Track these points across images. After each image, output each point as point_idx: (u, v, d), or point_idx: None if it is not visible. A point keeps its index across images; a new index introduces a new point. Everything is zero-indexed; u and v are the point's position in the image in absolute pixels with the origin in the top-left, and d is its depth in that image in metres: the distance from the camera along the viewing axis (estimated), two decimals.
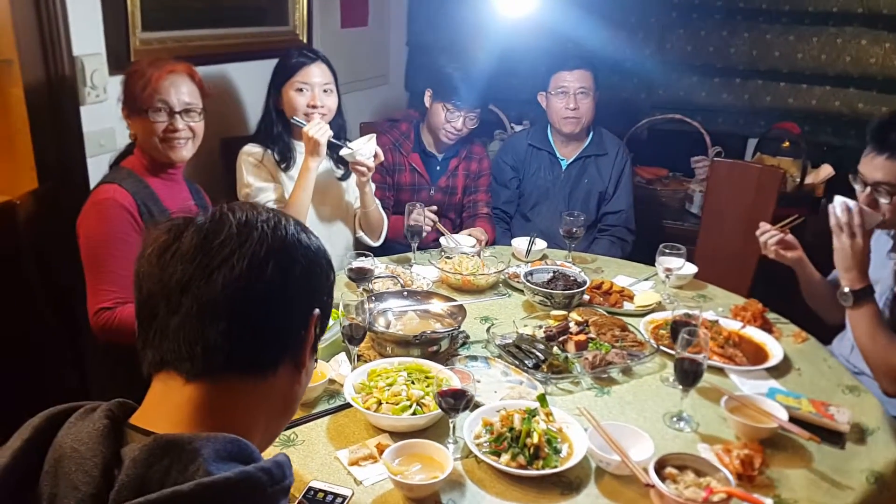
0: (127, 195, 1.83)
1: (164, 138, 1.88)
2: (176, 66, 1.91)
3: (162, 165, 1.94)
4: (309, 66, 2.33)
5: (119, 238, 1.81)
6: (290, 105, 2.33)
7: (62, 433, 0.76)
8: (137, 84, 1.86)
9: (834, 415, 1.57)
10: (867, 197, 1.84)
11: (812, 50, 3.32)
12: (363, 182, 2.40)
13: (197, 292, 0.79)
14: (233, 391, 0.82)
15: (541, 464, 1.38)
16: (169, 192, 1.96)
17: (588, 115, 2.77)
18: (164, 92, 1.86)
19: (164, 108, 1.86)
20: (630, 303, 2.11)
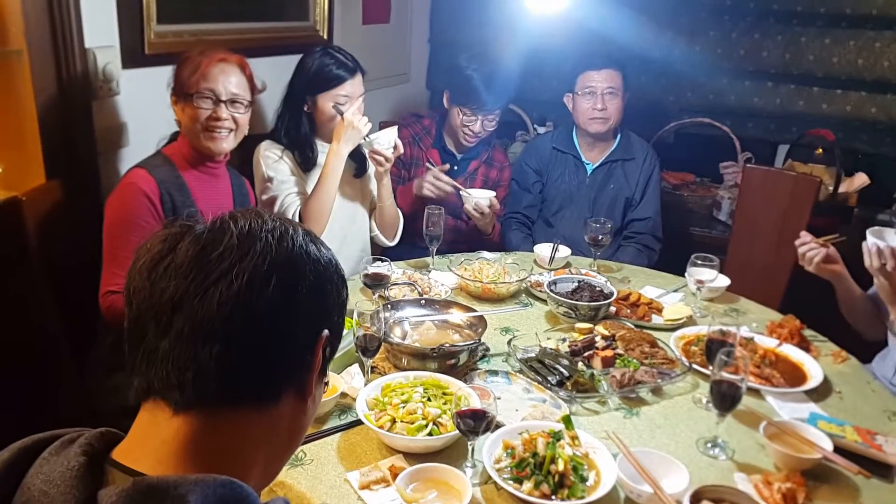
0: (152, 182, 1.81)
1: (206, 126, 1.85)
2: (228, 56, 1.89)
3: (202, 157, 1.91)
4: (351, 80, 2.25)
5: (135, 224, 1.79)
6: (325, 114, 2.26)
7: (32, 471, 0.67)
8: (187, 69, 1.84)
9: (882, 445, 1.46)
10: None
11: (848, 54, 3.18)
12: (380, 173, 2.33)
13: (190, 311, 0.70)
14: (227, 424, 0.72)
15: (566, 493, 1.28)
16: (203, 185, 1.92)
17: (616, 116, 2.66)
18: (211, 79, 1.84)
19: (210, 96, 1.84)
20: (659, 316, 2.00)
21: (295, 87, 2.32)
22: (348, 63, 2.28)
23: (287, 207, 2.20)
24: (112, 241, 1.80)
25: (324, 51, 2.29)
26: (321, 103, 2.26)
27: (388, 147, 2.26)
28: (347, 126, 2.17)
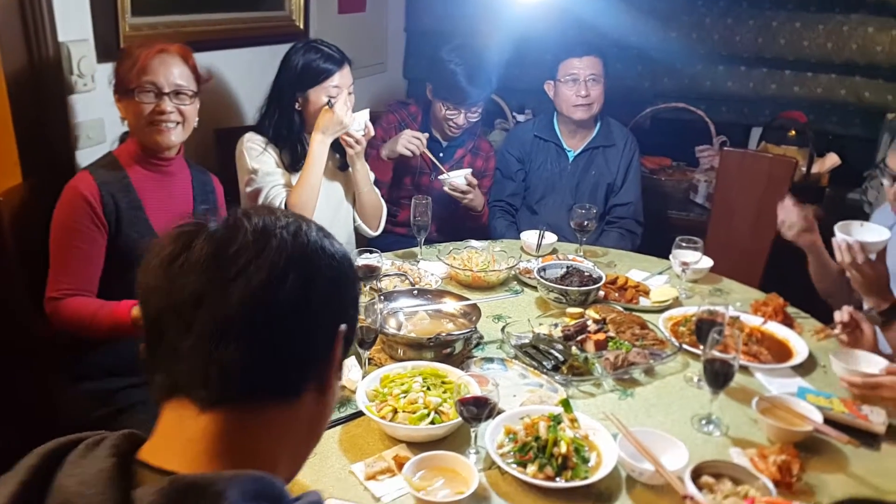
0: (92, 185, 1.75)
1: (151, 121, 1.78)
2: (168, 46, 1.81)
3: (150, 154, 1.84)
4: (340, 71, 2.24)
5: (76, 229, 1.75)
6: (318, 108, 2.23)
7: (63, 474, 0.67)
8: (126, 64, 1.77)
9: (868, 415, 1.51)
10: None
11: (818, 38, 3.24)
12: (353, 157, 2.31)
13: (211, 308, 0.69)
14: (254, 420, 0.72)
15: (569, 474, 1.30)
16: (153, 185, 1.86)
17: (598, 103, 2.69)
18: (151, 72, 1.76)
19: (151, 89, 1.77)
20: (646, 298, 2.04)
21: (282, 84, 2.28)
22: (335, 55, 2.26)
23: (273, 199, 2.18)
24: (56, 247, 1.76)
25: (307, 45, 2.27)
26: (313, 98, 2.24)
27: (359, 129, 2.26)
28: (334, 119, 2.15)
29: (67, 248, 1.74)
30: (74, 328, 1.74)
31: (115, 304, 1.74)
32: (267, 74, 2.42)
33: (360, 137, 2.25)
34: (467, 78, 2.56)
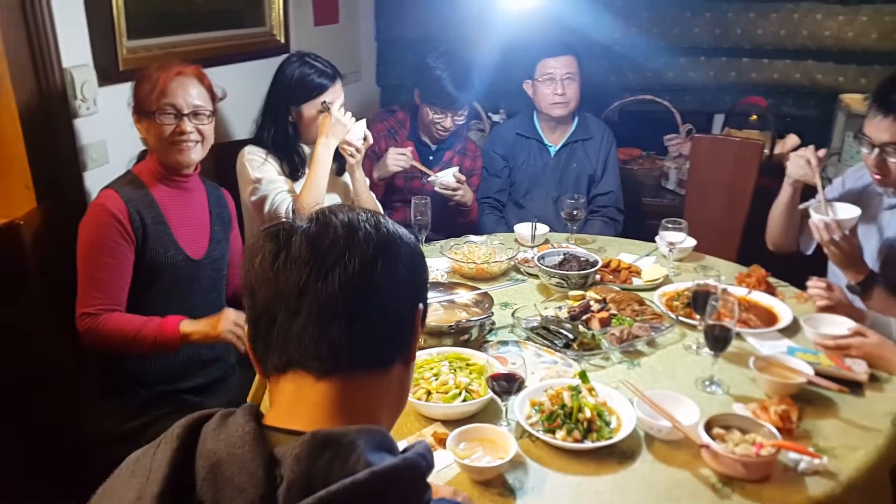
0: (119, 202, 1.83)
1: (172, 141, 1.87)
2: (185, 69, 1.90)
3: (171, 172, 1.93)
4: (332, 87, 2.34)
5: (106, 245, 1.82)
6: (311, 124, 2.33)
7: (208, 440, 0.77)
8: (145, 87, 1.85)
9: (851, 366, 1.68)
10: (876, 158, 1.93)
11: (771, 26, 3.45)
12: (352, 165, 2.42)
13: (315, 294, 0.81)
14: (360, 387, 0.84)
15: (595, 436, 1.43)
16: (174, 200, 1.94)
17: (575, 100, 2.84)
18: (171, 94, 1.85)
19: (171, 111, 1.85)
20: (639, 278, 2.19)
21: (276, 97, 2.37)
22: (328, 70, 2.36)
23: (278, 206, 2.25)
24: (86, 263, 1.81)
25: (301, 60, 2.36)
26: (306, 112, 2.33)
27: (358, 139, 2.36)
28: (335, 122, 2.26)
29: (98, 264, 1.80)
30: (114, 344, 1.80)
31: (162, 321, 1.82)
32: (253, 89, 2.52)
33: (360, 146, 2.35)
34: (453, 82, 2.68)
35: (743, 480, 1.34)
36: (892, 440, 1.48)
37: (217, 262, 2.04)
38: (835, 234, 1.90)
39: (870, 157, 1.95)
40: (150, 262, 1.87)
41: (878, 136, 1.91)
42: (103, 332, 1.79)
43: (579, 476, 1.38)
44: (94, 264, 1.81)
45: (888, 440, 1.47)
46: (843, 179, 2.27)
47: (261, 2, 3.06)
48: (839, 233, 1.90)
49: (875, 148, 1.93)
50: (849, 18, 3.29)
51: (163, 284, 1.91)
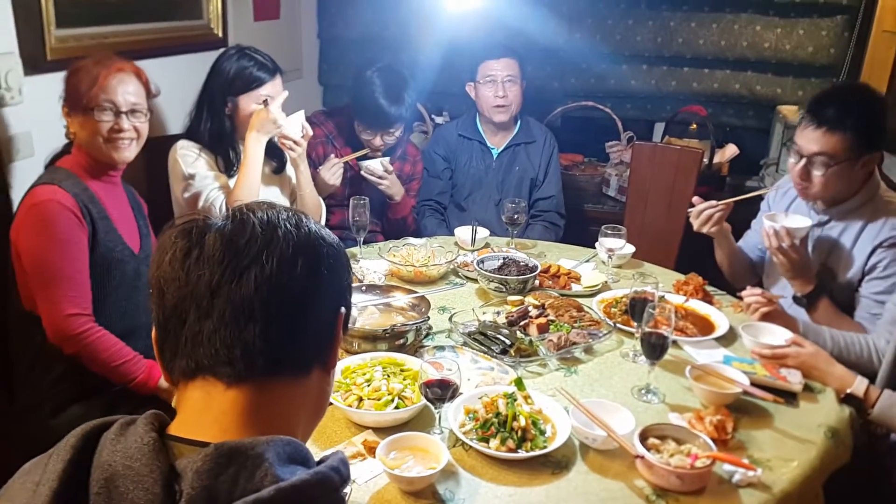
0: (68, 196, 1.74)
1: (108, 138, 1.80)
2: (124, 65, 1.83)
3: (103, 167, 1.86)
4: (269, 82, 2.25)
5: (67, 240, 1.73)
6: (248, 115, 2.23)
7: (105, 451, 0.71)
8: (84, 82, 1.77)
9: (786, 376, 1.68)
10: (801, 169, 1.95)
11: (712, 36, 3.50)
12: (295, 159, 2.34)
13: (229, 294, 0.75)
14: (274, 394, 0.79)
15: (529, 446, 1.39)
16: (108, 195, 1.88)
17: (517, 103, 2.82)
18: (111, 91, 1.78)
19: (110, 108, 1.78)
20: (578, 284, 2.16)
21: (213, 89, 2.28)
22: (268, 64, 2.28)
23: (212, 202, 2.18)
24: (45, 266, 1.72)
25: (240, 52, 2.28)
26: (242, 104, 2.25)
27: (296, 132, 2.28)
28: (266, 118, 2.18)
29: (63, 262, 1.72)
30: (94, 359, 1.74)
31: (150, 364, 1.78)
32: (188, 83, 2.41)
33: (299, 139, 2.28)
34: (386, 98, 2.56)
35: (678, 492, 1.32)
36: (825, 452, 1.48)
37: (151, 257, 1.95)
38: (784, 242, 1.91)
39: (796, 166, 1.97)
40: (102, 259, 1.81)
41: (808, 147, 1.93)
42: (94, 344, 1.74)
43: (512, 487, 1.34)
44: (57, 263, 1.72)
45: (821, 452, 1.47)
46: (769, 201, 2.29)
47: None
48: (788, 241, 1.90)
49: (803, 158, 1.95)
50: (786, 31, 3.37)
51: (113, 281, 1.85)
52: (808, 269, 1.98)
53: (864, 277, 1.99)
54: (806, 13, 3.34)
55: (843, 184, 1.96)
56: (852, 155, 1.90)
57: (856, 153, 1.90)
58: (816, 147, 1.91)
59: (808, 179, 1.95)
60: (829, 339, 1.87)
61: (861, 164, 1.92)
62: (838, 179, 1.93)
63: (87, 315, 1.75)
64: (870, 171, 1.99)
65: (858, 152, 1.90)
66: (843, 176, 1.93)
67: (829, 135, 1.88)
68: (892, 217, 1.95)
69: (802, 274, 1.97)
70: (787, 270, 1.98)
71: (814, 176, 1.94)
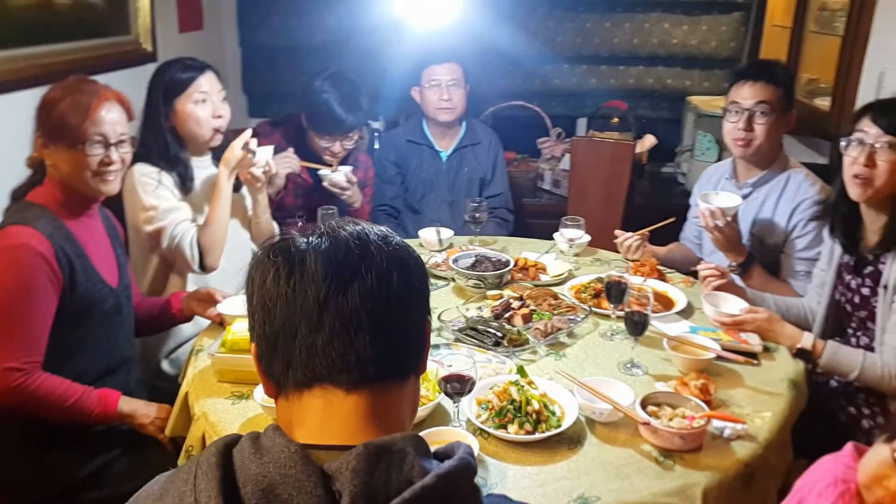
0: (44, 240, 1.67)
1: (97, 172, 1.74)
2: (107, 93, 1.77)
3: (82, 200, 1.80)
4: (201, 77, 2.23)
5: (32, 289, 1.66)
6: (190, 119, 2.21)
7: (252, 464, 0.75)
8: (73, 114, 1.69)
9: (748, 339, 1.88)
10: (745, 122, 2.19)
11: (626, 35, 3.75)
12: (255, 190, 2.35)
13: (337, 308, 0.81)
14: (386, 398, 0.85)
15: (544, 427, 1.51)
16: (85, 229, 1.82)
17: (461, 106, 2.93)
18: (100, 123, 1.72)
19: (101, 141, 1.72)
20: (545, 274, 2.30)
21: (151, 105, 2.24)
22: (194, 64, 2.26)
23: (181, 238, 2.14)
24: (8, 311, 1.64)
25: (170, 62, 2.28)
26: (179, 108, 2.21)
27: (260, 166, 2.28)
28: (240, 157, 2.19)
29: (24, 312, 1.64)
30: (42, 407, 1.67)
31: (102, 394, 1.72)
32: None
33: (260, 175, 2.28)
34: (341, 105, 2.58)
35: (681, 451, 1.47)
36: (791, 402, 1.67)
37: (128, 287, 1.93)
38: (718, 221, 2.12)
39: (737, 124, 2.21)
40: (81, 300, 1.74)
41: (749, 100, 2.19)
42: (36, 393, 1.64)
43: (536, 466, 1.44)
44: (15, 311, 1.64)
45: (789, 402, 1.67)
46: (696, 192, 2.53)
47: (126, 9, 2.90)
48: (723, 219, 2.12)
49: (745, 112, 2.20)
50: (692, 27, 3.66)
51: (92, 320, 1.79)
52: (739, 241, 2.21)
53: (786, 239, 2.25)
54: (708, 10, 3.65)
55: (776, 136, 2.24)
56: (783, 106, 2.20)
57: (784, 105, 2.20)
58: (758, 97, 2.18)
59: (752, 129, 2.19)
60: (773, 304, 2.09)
61: (785, 120, 2.22)
62: (775, 130, 2.22)
63: (27, 370, 1.65)
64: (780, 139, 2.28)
65: (786, 105, 2.21)
66: (777, 128, 2.22)
67: (766, 86, 2.18)
68: (803, 182, 2.24)
69: (735, 247, 2.20)
70: (722, 245, 2.20)
71: (756, 126, 2.20)
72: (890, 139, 1.75)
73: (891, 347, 1.77)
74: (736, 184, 2.36)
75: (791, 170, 2.27)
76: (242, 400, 1.65)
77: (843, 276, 1.98)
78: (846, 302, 1.97)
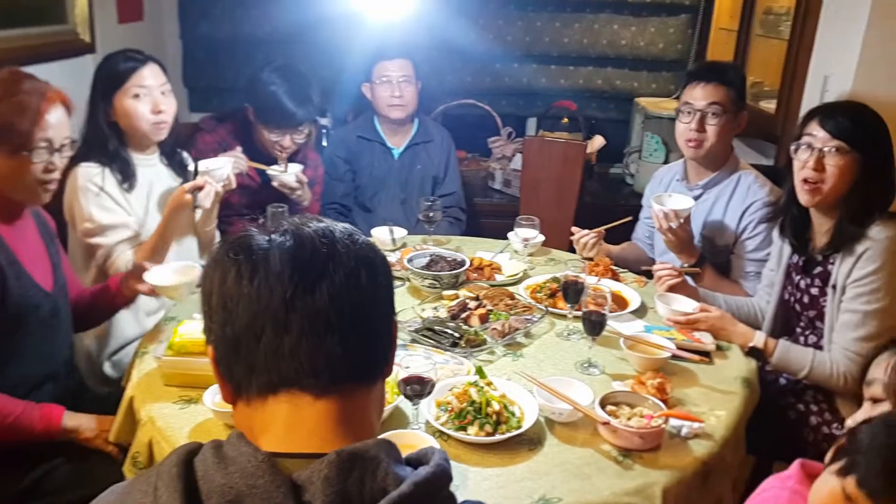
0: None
1: (41, 179, 1.62)
2: (53, 94, 1.64)
3: (14, 206, 1.69)
4: (142, 69, 2.13)
5: None
6: (129, 114, 2.12)
7: (217, 474, 0.71)
8: (19, 118, 1.56)
9: (700, 338, 1.90)
10: (697, 122, 2.22)
11: (575, 35, 3.78)
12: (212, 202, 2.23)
13: (304, 307, 0.77)
14: (356, 402, 0.82)
15: (504, 428, 1.49)
16: (16, 233, 1.71)
17: (413, 103, 2.89)
18: (47, 127, 1.60)
19: (47, 147, 1.61)
20: (500, 274, 2.28)
21: (93, 100, 2.15)
22: (137, 55, 2.17)
23: (117, 259, 2.08)
24: None
25: (112, 54, 2.18)
26: (118, 103, 2.12)
27: (220, 180, 2.22)
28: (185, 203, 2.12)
29: None
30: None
31: (45, 411, 1.63)
32: None
33: (220, 188, 2.22)
34: (290, 97, 2.50)
35: (640, 451, 1.47)
36: (745, 399, 1.70)
37: (65, 288, 1.83)
38: (672, 223, 2.14)
39: (689, 125, 2.24)
40: (15, 308, 1.63)
41: (701, 101, 2.22)
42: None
43: (497, 468, 1.42)
44: None
45: (743, 400, 1.69)
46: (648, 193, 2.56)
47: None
48: (676, 221, 2.14)
49: (697, 112, 2.22)
50: (640, 29, 3.71)
51: (28, 327, 1.68)
52: (692, 242, 2.24)
53: (737, 241, 2.29)
54: (655, 12, 3.70)
55: (727, 138, 2.28)
56: (734, 108, 2.23)
57: (736, 106, 2.23)
58: (710, 98, 2.21)
59: (704, 130, 2.23)
60: (724, 303, 2.13)
61: (737, 122, 2.26)
62: (726, 132, 2.25)
63: None
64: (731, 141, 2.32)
65: (738, 106, 2.24)
66: (728, 129, 2.25)
67: (718, 87, 2.21)
68: (752, 184, 2.28)
69: (687, 248, 2.23)
70: (674, 246, 2.22)
71: (708, 127, 2.23)
72: (838, 143, 1.78)
73: (839, 346, 1.82)
74: (687, 185, 2.40)
75: (741, 171, 2.31)
76: (191, 404, 1.59)
77: (793, 276, 2.02)
78: (795, 302, 2.01)
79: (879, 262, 1.77)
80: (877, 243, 1.78)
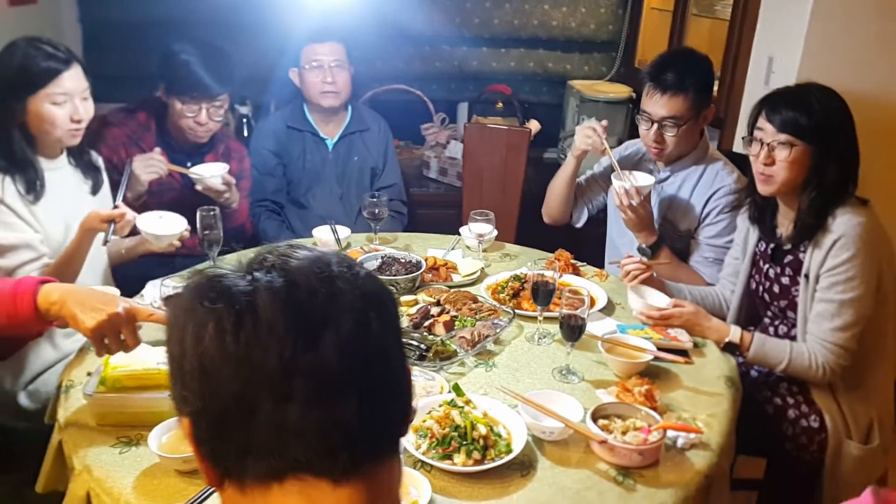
0: None
1: None
2: None
3: None
4: (64, 73, 1.84)
5: None
6: (44, 120, 1.84)
7: None
8: None
9: (678, 336, 1.81)
10: (655, 133, 2.14)
11: (506, 16, 3.64)
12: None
13: (308, 367, 0.61)
14: (381, 482, 0.66)
15: (493, 453, 1.34)
16: None
17: (346, 89, 2.68)
18: None
19: None
20: (457, 274, 2.13)
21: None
22: (60, 54, 1.88)
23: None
24: None
25: (27, 43, 1.86)
26: (33, 108, 1.84)
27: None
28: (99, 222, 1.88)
29: None
30: None
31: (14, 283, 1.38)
32: None
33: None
34: (205, 66, 2.31)
35: (639, 468, 1.36)
36: (732, 400, 1.62)
37: None
38: (633, 200, 2.06)
39: (649, 132, 2.15)
40: None
41: (658, 112, 2.12)
42: None
43: (491, 500, 1.28)
44: None
45: (731, 401, 1.61)
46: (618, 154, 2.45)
47: None
48: (637, 198, 2.06)
49: (654, 123, 2.13)
50: (571, 9, 3.62)
51: None
52: (651, 222, 2.17)
53: (699, 225, 2.23)
54: None
55: (690, 139, 2.20)
56: (695, 113, 2.13)
57: (697, 110, 2.13)
58: (665, 111, 2.10)
59: (663, 141, 2.14)
60: (689, 294, 2.06)
61: (702, 118, 2.17)
62: (688, 138, 2.17)
63: None
64: (702, 129, 2.23)
65: (699, 109, 2.14)
66: (691, 132, 2.17)
67: (675, 98, 2.09)
68: (720, 170, 2.21)
69: (647, 227, 2.16)
70: (634, 225, 2.15)
71: (667, 138, 2.14)
72: (785, 137, 1.73)
73: (816, 337, 1.77)
74: (654, 167, 2.31)
75: (710, 157, 2.24)
76: (132, 447, 1.36)
77: (760, 264, 1.97)
78: (764, 291, 1.96)
79: (853, 251, 1.72)
80: (849, 230, 1.73)
